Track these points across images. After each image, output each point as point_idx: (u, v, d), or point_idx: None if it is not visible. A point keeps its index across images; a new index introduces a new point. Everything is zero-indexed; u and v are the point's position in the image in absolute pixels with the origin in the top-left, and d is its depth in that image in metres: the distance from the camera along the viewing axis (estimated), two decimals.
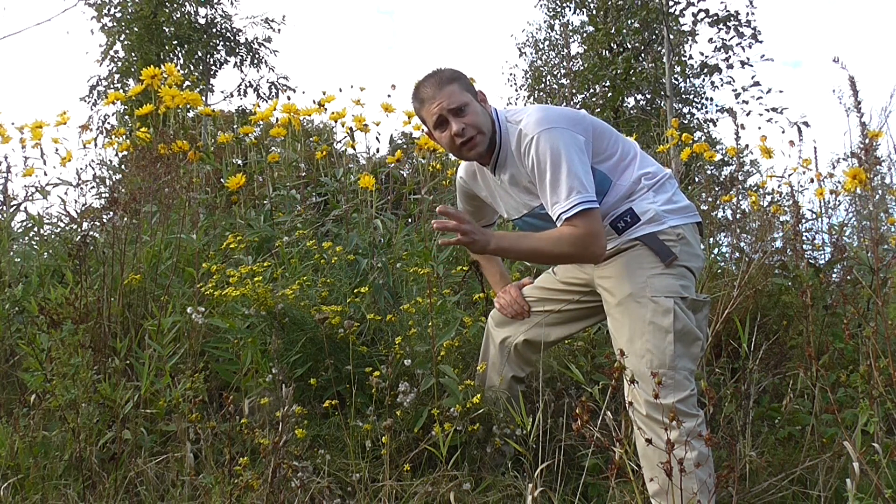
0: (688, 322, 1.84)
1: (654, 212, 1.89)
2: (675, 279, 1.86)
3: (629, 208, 1.91)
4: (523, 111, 1.94)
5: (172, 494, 1.92)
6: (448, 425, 1.95)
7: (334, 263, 2.72)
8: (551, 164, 1.82)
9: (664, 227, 1.89)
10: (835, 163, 5.31)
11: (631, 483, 1.64)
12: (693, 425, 1.76)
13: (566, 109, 1.98)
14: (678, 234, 1.89)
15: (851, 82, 2.62)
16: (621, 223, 1.91)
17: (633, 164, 1.96)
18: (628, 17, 11.61)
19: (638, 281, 1.86)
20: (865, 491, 1.73)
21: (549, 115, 1.88)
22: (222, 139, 3.97)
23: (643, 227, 1.89)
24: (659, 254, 1.86)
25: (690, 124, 12.71)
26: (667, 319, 1.81)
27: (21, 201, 3.40)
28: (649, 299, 1.83)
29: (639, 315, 1.83)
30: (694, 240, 1.94)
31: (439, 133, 1.95)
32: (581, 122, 1.91)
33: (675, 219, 1.91)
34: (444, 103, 1.91)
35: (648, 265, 1.87)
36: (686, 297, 1.86)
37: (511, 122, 1.94)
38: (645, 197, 1.92)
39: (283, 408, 1.71)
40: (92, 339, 2.30)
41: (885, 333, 2.00)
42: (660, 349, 1.80)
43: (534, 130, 1.85)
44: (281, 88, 14.00)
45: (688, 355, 1.83)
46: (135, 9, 12.78)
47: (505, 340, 2.16)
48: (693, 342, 1.85)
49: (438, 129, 1.95)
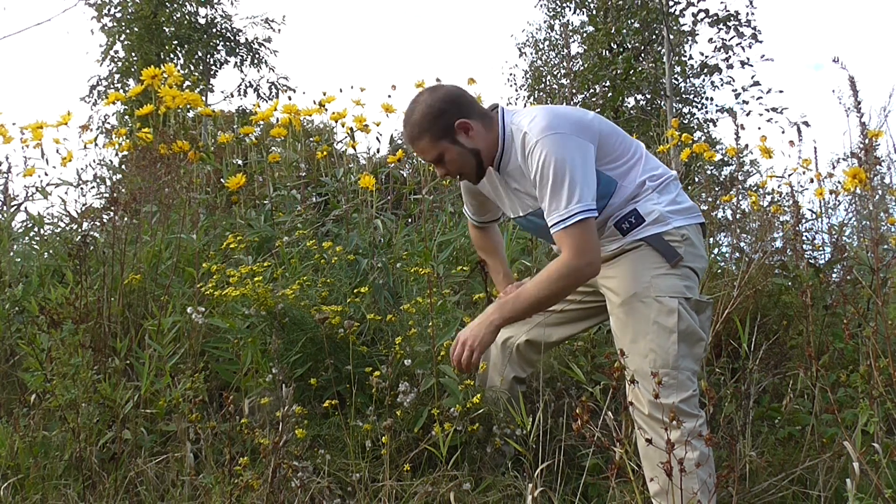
0: (692, 322, 1.84)
1: (659, 213, 1.89)
2: (679, 279, 1.86)
3: (633, 209, 1.90)
4: (530, 113, 1.92)
5: (172, 494, 1.92)
6: (448, 425, 1.95)
7: (334, 263, 2.72)
8: (553, 171, 1.81)
9: (669, 227, 1.88)
10: (835, 163, 5.31)
11: (631, 483, 1.64)
12: (695, 425, 1.76)
13: (575, 113, 1.95)
14: (683, 234, 1.89)
15: (851, 82, 2.62)
16: (626, 224, 1.90)
17: (639, 165, 1.95)
18: (628, 17, 11.61)
19: (643, 281, 1.85)
20: (865, 491, 1.73)
21: (556, 121, 1.86)
22: (222, 139, 3.97)
23: (648, 227, 1.89)
24: (664, 255, 1.86)
25: (690, 124, 12.71)
26: (671, 319, 1.81)
27: (21, 201, 3.41)
28: (654, 299, 1.83)
29: (643, 315, 1.83)
30: (698, 241, 1.93)
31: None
32: (589, 127, 1.89)
33: (679, 219, 1.90)
34: (421, 157, 1.99)
35: (653, 265, 1.86)
36: (690, 297, 1.86)
37: (516, 123, 1.92)
38: (650, 198, 1.91)
39: (283, 408, 1.71)
40: (92, 339, 2.30)
41: (885, 333, 2.00)
42: (663, 349, 1.80)
43: (539, 135, 1.83)
44: (281, 88, 14.01)
45: (691, 356, 1.84)
46: (135, 9, 12.78)
47: (507, 341, 2.16)
48: (696, 343, 1.85)
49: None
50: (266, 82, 14.10)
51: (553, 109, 1.92)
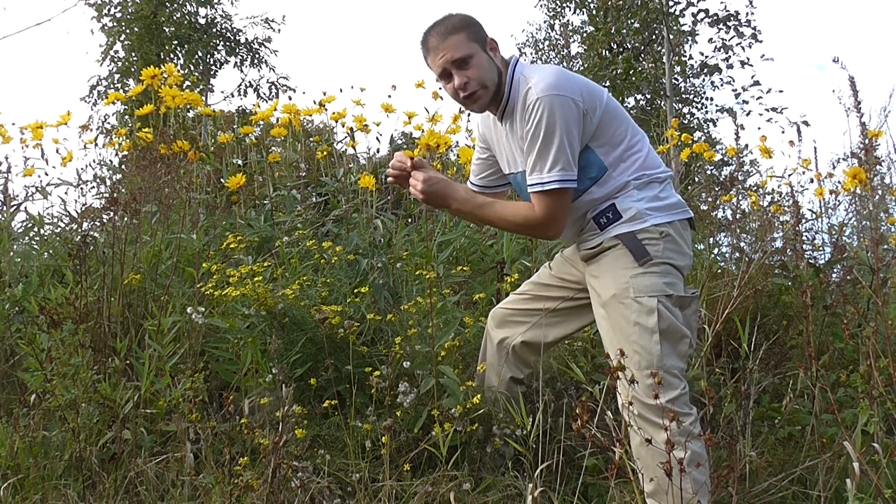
0: (673, 320, 1.82)
1: (637, 210, 1.87)
2: (658, 277, 1.84)
3: (611, 204, 1.89)
4: (540, 70, 1.90)
5: (172, 494, 1.92)
6: (448, 426, 1.95)
7: (334, 263, 2.72)
8: (545, 131, 1.80)
9: (646, 224, 1.86)
10: (835, 163, 5.31)
11: (631, 483, 1.64)
12: (685, 424, 1.76)
13: (585, 80, 1.93)
14: (661, 231, 1.86)
15: (851, 82, 2.62)
16: (603, 219, 1.90)
17: (635, 160, 1.92)
18: (628, 17, 11.61)
19: (621, 282, 1.84)
20: (865, 491, 1.73)
21: (563, 82, 1.83)
22: (222, 139, 3.97)
23: (623, 224, 1.87)
24: (634, 254, 1.85)
25: (690, 124, 12.71)
26: (651, 319, 1.80)
27: (21, 201, 3.41)
28: (633, 300, 1.82)
29: (623, 316, 1.83)
30: (681, 237, 1.91)
31: (443, 83, 1.94)
32: (594, 98, 1.87)
33: (658, 216, 1.88)
34: (448, 55, 1.87)
35: (630, 265, 1.85)
36: (671, 294, 1.84)
37: (525, 75, 1.89)
38: (630, 194, 1.89)
39: (283, 408, 1.71)
40: (92, 339, 2.30)
41: (885, 333, 2.00)
42: (647, 349, 1.79)
43: (542, 92, 1.81)
44: (281, 88, 14.00)
45: (675, 353, 1.82)
46: (135, 9, 12.78)
47: (503, 341, 2.15)
48: (679, 340, 1.83)
49: (442, 80, 1.93)
50: (266, 82, 14.12)
51: (565, 71, 1.90)
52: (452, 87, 1.91)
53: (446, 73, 1.90)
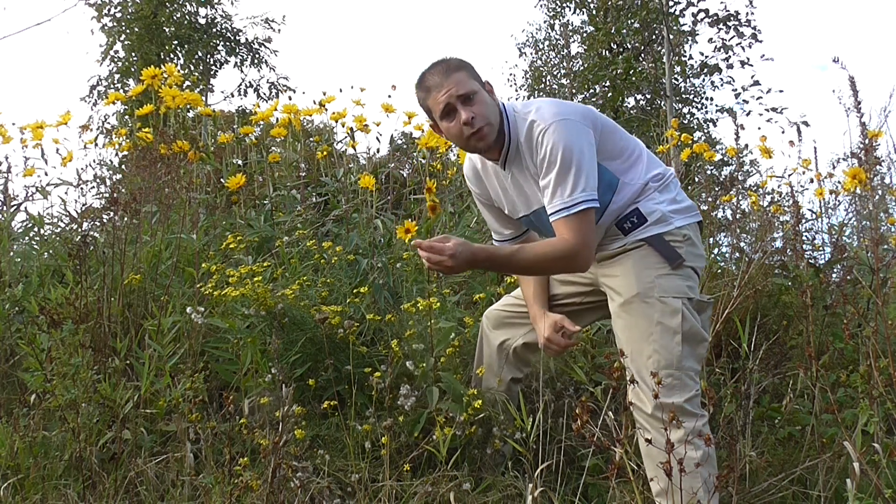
0: (695, 323, 1.84)
1: (661, 213, 1.88)
2: (682, 280, 1.86)
3: (635, 208, 1.89)
4: (533, 103, 1.91)
5: (172, 494, 1.92)
6: (448, 429, 1.95)
7: (334, 263, 2.72)
8: (562, 156, 1.80)
9: (671, 227, 1.88)
10: (835, 163, 5.30)
11: (631, 483, 1.64)
12: (698, 425, 1.76)
13: (576, 104, 1.96)
14: (684, 234, 1.89)
15: (851, 82, 2.62)
16: (628, 224, 1.90)
17: (640, 164, 1.94)
18: (628, 17, 11.61)
19: (646, 281, 1.85)
20: (865, 491, 1.73)
21: (563, 108, 1.87)
22: (222, 139, 3.97)
23: (650, 227, 1.88)
24: (666, 257, 1.86)
25: (690, 124, 12.70)
26: (675, 320, 1.81)
27: (21, 201, 3.40)
28: (657, 300, 1.83)
29: (647, 315, 1.83)
30: (698, 240, 1.94)
31: (447, 123, 1.88)
32: (591, 118, 1.89)
33: (680, 219, 1.90)
34: (453, 90, 1.83)
35: (656, 266, 1.86)
36: (692, 297, 1.86)
37: (520, 113, 1.90)
38: (651, 197, 1.91)
39: (283, 408, 1.71)
40: (92, 339, 2.30)
41: (885, 333, 2.00)
42: (668, 350, 1.80)
43: (549, 120, 1.82)
44: (281, 88, 14.01)
45: (694, 356, 1.83)
46: (135, 9, 12.79)
47: (503, 343, 2.14)
48: (700, 343, 1.85)
49: (446, 119, 1.88)
50: (266, 82, 14.12)
51: (555, 100, 1.92)
52: (458, 123, 1.86)
53: (450, 109, 1.86)
